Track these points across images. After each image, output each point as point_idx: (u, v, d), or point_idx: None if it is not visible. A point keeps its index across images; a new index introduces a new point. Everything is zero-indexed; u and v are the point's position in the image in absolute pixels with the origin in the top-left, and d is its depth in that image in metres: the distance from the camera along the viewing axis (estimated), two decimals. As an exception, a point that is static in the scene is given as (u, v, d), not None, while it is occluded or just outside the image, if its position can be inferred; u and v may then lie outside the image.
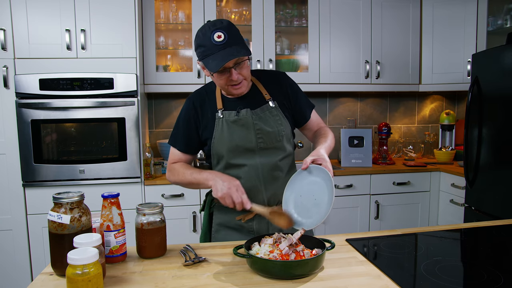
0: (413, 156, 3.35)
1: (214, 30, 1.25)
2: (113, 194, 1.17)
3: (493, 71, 2.41)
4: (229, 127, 1.36)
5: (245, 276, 1.06)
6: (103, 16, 2.49)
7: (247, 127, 1.36)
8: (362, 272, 1.09)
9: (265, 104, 1.40)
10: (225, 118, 1.37)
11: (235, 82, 1.31)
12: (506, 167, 2.31)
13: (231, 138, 1.36)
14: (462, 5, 3.05)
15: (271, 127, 1.38)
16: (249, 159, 1.37)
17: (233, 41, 1.26)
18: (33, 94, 2.41)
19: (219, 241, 1.42)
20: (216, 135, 1.37)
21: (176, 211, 2.63)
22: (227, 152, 1.37)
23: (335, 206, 2.87)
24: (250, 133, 1.36)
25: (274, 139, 1.38)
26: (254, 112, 1.37)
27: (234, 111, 1.37)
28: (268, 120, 1.38)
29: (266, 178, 1.38)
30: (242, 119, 1.36)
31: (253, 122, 1.36)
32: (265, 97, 1.41)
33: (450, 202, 2.90)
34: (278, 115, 1.40)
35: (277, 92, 1.43)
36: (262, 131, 1.36)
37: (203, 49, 1.27)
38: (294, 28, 3.16)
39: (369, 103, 3.55)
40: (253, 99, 1.40)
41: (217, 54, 1.24)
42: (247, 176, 1.37)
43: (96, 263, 0.88)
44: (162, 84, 2.85)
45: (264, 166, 1.37)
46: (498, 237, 1.40)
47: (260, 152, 1.37)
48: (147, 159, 2.63)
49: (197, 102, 1.42)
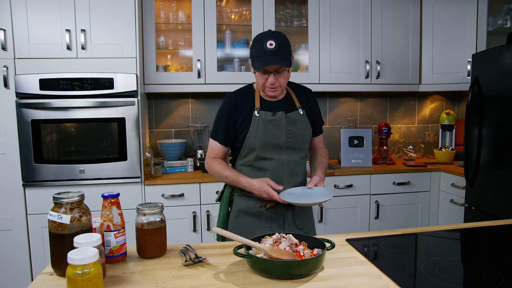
0: (413, 156, 3.35)
1: (269, 38, 1.47)
2: (113, 194, 1.17)
3: (493, 71, 2.41)
4: (264, 125, 1.56)
5: (245, 276, 1.06)
6: (103, 16, 2.49)
7: (280, 127, 1.57)
8: (362, 272, 1.09)
9: (296, 111, 1.63)
10: (261, 117, 1.57)
11: (271, 85, 1.52)
12: (506, 167, 2.31)
13: (264, 135, 1.56)
14: (462, 5, 3.05)
15: (299, 131, 1.60)
16: (277, 154, 1.58)
17: (281, 52, 1.47)
18: (33, 94, 2.41)
19: (239, 225, 1.62)
20: (252, 130, 1.56)
21: (176, 211, 2.63)
22: (260, 146, 1.57)
23: (335, 206, 2.88)
24: (282, 132, 1.57)
25: (300, 141, 1.61)
26: (287, 115, 1.59)
27: (270, 112, 1.58)
28: (297, 124, 1.60)
29: (288, 172, 1.60)
30: (277, 119, 1.57)
31: (286, 123, 1.57)
32: (296, 104, 1.64)
33: (450, 202, 2.90)
34: (306, 121, 1.63)
35: (305, 104, 1.67)
36: (292, 132, 1.58)
37: (254, 50, 1.51)
38: (294, 28, 3.16)
39: (369, 103, 3.55)
40: (286, 104, 1.63)
41: (263, 57, 1.47)
42: (273, 168, 1.59)
43: (96, 263, 0.88)
44: (162, 84, 2.85)
45: (288, 162, 1.60)
46: (498, 237, 1.40)
47: (286, 150, 1.59)
48: (147, 159, 2.63)
49: (237, 100, 1.61)
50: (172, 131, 3.23)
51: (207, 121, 3.22)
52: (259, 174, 1.59)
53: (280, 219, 1.61)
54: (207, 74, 2.89)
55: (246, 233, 1.51)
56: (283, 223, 1.62)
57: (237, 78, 2.94)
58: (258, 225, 1.61)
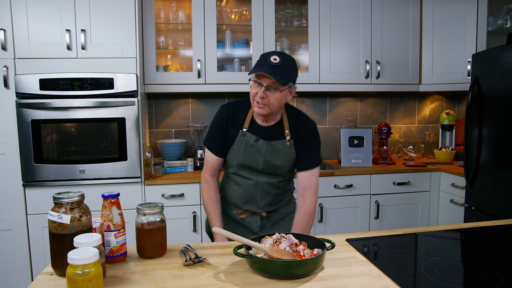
0: (413, 156, 3.35)
1: (275, 54, 1.44)
2: (113, 194, 1.17)
3: (493, 71, 2.41)
4: (246, 147, 1.56)
5: (245, 276, 1.06)
6: (103, 16, 2.49)
7: (259, 155, 1.56)
8: (362, 272, 1.09)
9: (282, 140, 1.57)
10: (245, 139, 1.56)
11: (260, 99, 1.45)
12: (506, 167, 2.31)
13: (244, 156, 1.57)
14: (462, 5, 3.04)
15: (279, 161, 1.57)
16: (253, 175, 1.60)
17: (282, 69, 1.42)
18: (33, 94, 2.41)
19: None
20: (234, 148, 1.58)
21: (176, 211, 2.63)
22: (237, 165, 1.60)
23: (335, 206, 2.88)
24: (260, 160, 1.57)
25: (278, 170, 1.60)
26: (269, 143, 1.56)
27: (255, 137, 1.56)
28: (279, 154, 1.57)
29: (263, 192, 1.61)
30: (258, 147, 1.55)
31: (265, 153, 1.56)
32: (285, 133, 1.58)
33: (450, 202, 2.90)
34: (290, 151, 1.58)
35: (296, 133, 1.59)
36: (270, 162, 1.57)
37: (257, 62, 1.47)
38: (294, 28, 3.16)
39: (369, 103, 3.55)
40: (275, 131, 1.58)
41: (262, 67, 1.42)
42: (247, 186, 1.61)
43: (96, 263, 0.88)
44: (162, 84, 2.85)
45: (264, 183, 1.61)
46: (498, 237, 1.40)
47: (264, 173, 1.60)
48: (147, 159, 2.63)
49: (230, 113, 1.60)
50: (172, 131, 3.23)
51: (207, 121, 3.22)
52: (236, 188, 1.65)
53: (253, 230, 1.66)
54: (207, 74, 2.89)
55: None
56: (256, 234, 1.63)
57: (237, 78, 2.95)
58: (235, 228, 1.66)
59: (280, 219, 1.69)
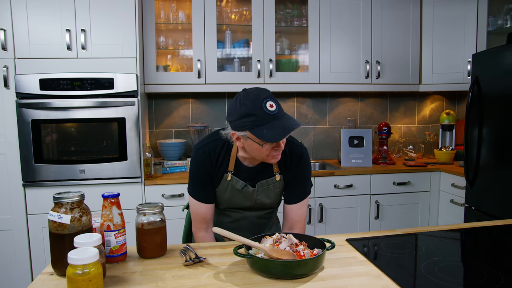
0: (413, 156, 3.35)
1: (265, 99, 1.23)
2: (113, 194, 1.17)
3: (493, 71, 2.41)
4: (232, 191, 1.46)
5: (245, 276, 1.06)
6: (103, 16, 2.49)
7: (249, 198, 1.48)
8: (362, 272, 1.09)
9: (271, 178, 1.46)
10: (232, 184, 1.44)
11: (279, 152, 1.32)
12: (506, 167, 2.31)
13: (232, 199, 1.48)
14: (462, 5, 3.04)
15: (269, 199, 1.50)
16: (242, 211, 1.54)
17: (283, 111, 1.27)
18: (33, 94, 2.41)
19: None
20: (220, 190, 1.47)
21: (176, 211, 2.62)
22: (225, 204, 1.51)
23: (335, 206, 2.88)
24: (248, 202, 1.50)
25: (268, 206, 1.54)
26: (259, 185, 1.46)
27: (242, 182, 1.44)
28: (269, 193, 1.49)
29: (249, 224, 1.56)
30: (247, 192, 1.46)
31: (255, 197, 1.48)
32: (274, 169, 1.46)
33: (450, 202, 2.90)
34: (280, 186, 1.49)
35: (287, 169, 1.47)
36: (260, 201, 1.49)
37: (254, 118, 1.23)
38: (294, 28, 3.16)
39: (369, 103, 3.55)
40: (262, 170, 1.46)
41: (273, 124, 1.23)
42: (235, 219, 1.55)
43: (96, 263, 0.88)
44: (162, 84, 2.85)
45: (252, 217, 1.55)
46: (498, 237, 1.40)
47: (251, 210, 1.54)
48: (147, 159, 2.63)
49: (212, 155, 1.42)
50: (172, 131, 3.23)
51: (207, 121, 3.22)
52: (223, 219, 1.56)
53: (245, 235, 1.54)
54: (207, 74, 2.89)
55: None
56: None
57: (237, 78, 2.95)
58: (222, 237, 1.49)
59: None
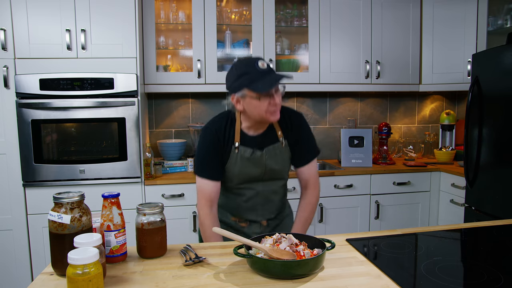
0: (413, 156, 3.35)
1: (257, 60, 1.37)
2: (113, 194, 1.17)
3: (493, 71, 2.41)
4: (242, 161, 1.51)
5: (245, 276, 1.06)
6: (103, 16, 2.49)
7: (258, 165, 1.53)
8: (362, 272, 1.09)
9: (277, 143, 1.55)
10: (240, 153, 1.51)
11: (275, 106, 1.40)
12: (506, 167, 2.31)
13: (242, 170, 1.53)
14: (462, 5, 3.04)
15: (278, 165, 1.56)
16: (253, 184, 1.57)
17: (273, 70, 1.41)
18: (33, 94, 2.41)
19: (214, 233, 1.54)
20: (230, 163, 1.52)
21: (176, 211, 2.63)
22: (236, 179, 1.55)
23: (335, 206, 2.88)
24: (260, 168, 1.54)
25: (278, 174, 1.58)
26: (266, 150, 1.53)
27: (250, 149, 1.51)
28: (277, 158, 1.55)
29: (264, 201, 1.60)
30: (256, 158, 1.52)
31: (264, 162, 1.53)
32: (278, 135, 1.55)
33: (450, 202, 2.90)
34: (286, 152, 1.57)
35: (289, 131, 1.57)
36: (270, 168, 1.54)
37: (248, 76, 1.36)
38: (294, 28, 3.16)
39: (369, 103, 3.55)
40: (267, 137, 1.54)
41: (266, 78, 1.35)
42: (249, 196, 1.58)
43: (96, 263, 0.88)
44: (162, 84, 2.85)
45: (264, 191, 1.59)
46: (498, 237, 1.40)
47: (264, 181, 1.57)
48: (147, 159, 2.63)
49: (218, 131, 1.52)
50: (172, 131, 3.23)
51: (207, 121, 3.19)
52: (233, 200, 1.60)
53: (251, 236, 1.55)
54: (207, 74, 2.89)
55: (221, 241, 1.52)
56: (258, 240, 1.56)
57: (237, 78, 2.94)
58: None
59: (277, 225, 1.67)
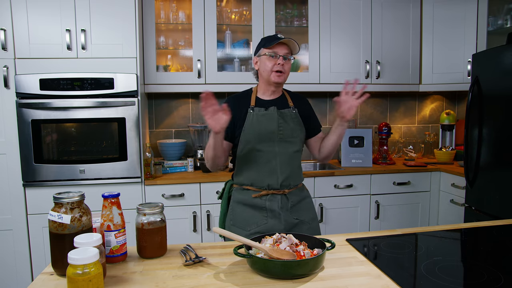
0: (413, 156, 3.35)
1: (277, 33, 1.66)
2: (113, 194, 1.17)
3: (493, 71, 2.41)
4: (258, 118, 1.67)
5: (245, 276, 1.06)
6: (103, 16, 2.49)
7: (272, 120, 1.67)
8: (362, 272, 1.09)
9: (288, 109, 1.73)
10: (255, 112, 1.68)
11: (280, 68, 1.64)
12: (506, 167, 2.31)
13: (258, 127, 1.65)
14: (462, 5, 3.05)
15: (290, 125, 1.70)
16: (270, 146, 1.66)
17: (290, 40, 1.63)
18: (33, 94, 2.41)
19: (236, 216, 1.68)
20: (246, 125, 1.66)
21: (176, 211, 2.63)
22: (253, 138, 1.65)
23: (335, 206, 2.88)
24: (273, 125, 1.66)
25: (291, 134, 1.70)
26: (279, 111, 1.69)
27: (263, 108, 1.69)
28: (289, 120, 1.70)
29: (281, 163, 1.67)
30: (269, 114, 1.68)
31: (277, 117, 1.67)
32: (289, 104, 1.75)
33: (450, 202, 2.90)
34: (297, 118, 1.73)
35: (298, 107, 1.77)
36: (283, 125, 1.68)
37: (266, 40, 1.67)
38: (294, 28, 3.16)
39: (369, 103, 3.55)
40: (280, 103, 1.73)
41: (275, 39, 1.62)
42: (267, 159, 1.66)
43: (96, 263, 0.88)
44: (162, 84, 2.86)
45: (280, 154, 1.67)
46: (498, 237, 1.40)
47: (279, 142, 1.67)
48: (147, 159, 2.63)
49: (235, 101, 1.72)
50: (172, 131, 3.23)
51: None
52: (254, 165, 1.67)
53: (275, 210, 1.65)
54: (207, 74, 2.90)
55: (243, 223, 1.66)
56: (278, 214, 1.65)
57: (237, 78, 2.95)
58: (253, 215, 1.65)
59: (298, 201, 1.71)
